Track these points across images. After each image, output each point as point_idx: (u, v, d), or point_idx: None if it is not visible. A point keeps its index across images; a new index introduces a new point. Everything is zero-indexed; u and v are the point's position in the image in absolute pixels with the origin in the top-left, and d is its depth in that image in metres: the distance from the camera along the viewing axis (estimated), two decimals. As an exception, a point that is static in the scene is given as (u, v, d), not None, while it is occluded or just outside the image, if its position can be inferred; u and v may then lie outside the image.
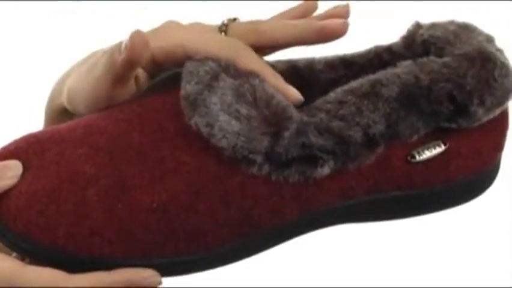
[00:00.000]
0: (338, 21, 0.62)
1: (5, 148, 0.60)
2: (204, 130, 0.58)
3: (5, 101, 1.17)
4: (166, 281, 0.58)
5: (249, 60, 0.60)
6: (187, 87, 0.59)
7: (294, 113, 0.58)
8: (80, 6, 1.15)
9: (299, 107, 0.60)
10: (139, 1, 1.14)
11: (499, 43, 0.64)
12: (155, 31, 0.62)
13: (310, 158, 0.58)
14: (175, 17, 0.63)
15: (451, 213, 0.63)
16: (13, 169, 0.58)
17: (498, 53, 0.62)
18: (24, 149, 0.59)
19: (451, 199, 0.63)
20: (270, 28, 0.62)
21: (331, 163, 0.59)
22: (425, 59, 0.61)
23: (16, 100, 1.17)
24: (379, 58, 0.65)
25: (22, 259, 0.59)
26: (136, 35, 0.58)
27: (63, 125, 0.61)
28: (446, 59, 0.61)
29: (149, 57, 0.60)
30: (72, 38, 1.14)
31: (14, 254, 0.59)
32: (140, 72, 0.62)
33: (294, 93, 0.60)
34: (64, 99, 0.65)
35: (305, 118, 0.58)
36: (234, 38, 0.62)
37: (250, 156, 0.57)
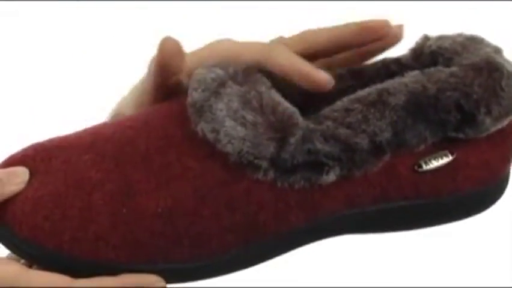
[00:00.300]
0: (378, 20, 0.63)
1: (13, 156, 0.60)
2: (210, 136, 0.58)
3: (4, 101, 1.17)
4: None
5: (280, 57, 0.61)
6: (194, 94, 0.59)
7: (300, 120, 0.58)
8: (80, 6, 1.15)
9: (305, 116, 0.60)
10: (139, 1, 1.14)
11: (507, 54, 0.64)
12: (198, 48, 0.64)
13: (316, 165, 0.58)
14: (175, 17, 0.64)
15: (457, 222, 0.63)
16: (20, 175, 0.59)
17: (506, 63, 0.62)
18: (31, 157, 0.59)
19: (459, 211, 0.63)
20: (312, 32, 0.64)
21: (337, 170, 0.58)
22: (432, 69, 0.62)
23: (15, 100, 1.16)
24: (387, 69, 0.65)
25: (30, 266, 0.59)
26: (166, 40, 0.60)
27: (71, 134, 0.62)
28: (453, 68, 0.61)
29: (184, 65, 0.62)
30: (72, 38, 1.14)
31: (23, 261, 0.59)
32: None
33: (329, 79, 0.61)
34: None
35: (311, 125, 0.59)
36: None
37: (256, 161, 0.57)
